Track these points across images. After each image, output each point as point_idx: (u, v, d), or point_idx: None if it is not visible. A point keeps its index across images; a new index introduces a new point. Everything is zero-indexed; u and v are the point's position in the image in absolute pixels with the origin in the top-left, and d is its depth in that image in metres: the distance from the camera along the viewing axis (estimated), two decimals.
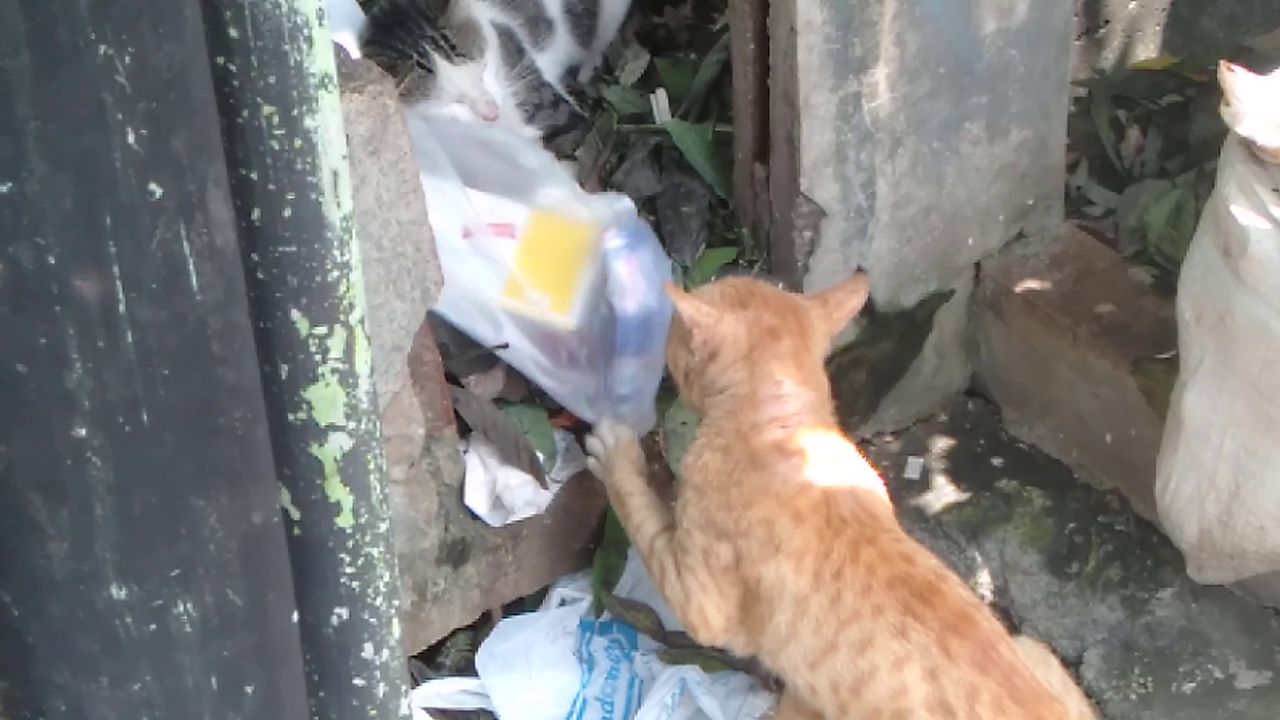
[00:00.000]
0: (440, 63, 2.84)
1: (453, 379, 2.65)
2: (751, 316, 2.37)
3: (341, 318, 1.13)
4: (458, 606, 2.72)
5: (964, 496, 2.98)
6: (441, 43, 2.85)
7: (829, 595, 2.20)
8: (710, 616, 2.36)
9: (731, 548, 2.30)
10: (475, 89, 2.85)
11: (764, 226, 2.86)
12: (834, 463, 2.31)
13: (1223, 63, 2.32)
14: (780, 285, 2.78)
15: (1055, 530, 2.90)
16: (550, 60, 3.15)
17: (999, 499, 2.96)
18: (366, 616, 1.24)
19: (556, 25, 3.18)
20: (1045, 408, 3.02)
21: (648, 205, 2.91)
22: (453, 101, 2.84)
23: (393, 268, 2.34)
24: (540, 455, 2.69)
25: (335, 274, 1.11)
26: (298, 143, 1.07)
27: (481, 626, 2.78)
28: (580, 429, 2.76)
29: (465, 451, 2.65)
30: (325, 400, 1.15)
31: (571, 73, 3.25)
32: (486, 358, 2.67)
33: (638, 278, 2.67)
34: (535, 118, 2.99)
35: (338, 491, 1.18)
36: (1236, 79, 2.29)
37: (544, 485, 2.69)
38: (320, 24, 1.05)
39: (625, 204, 2.79)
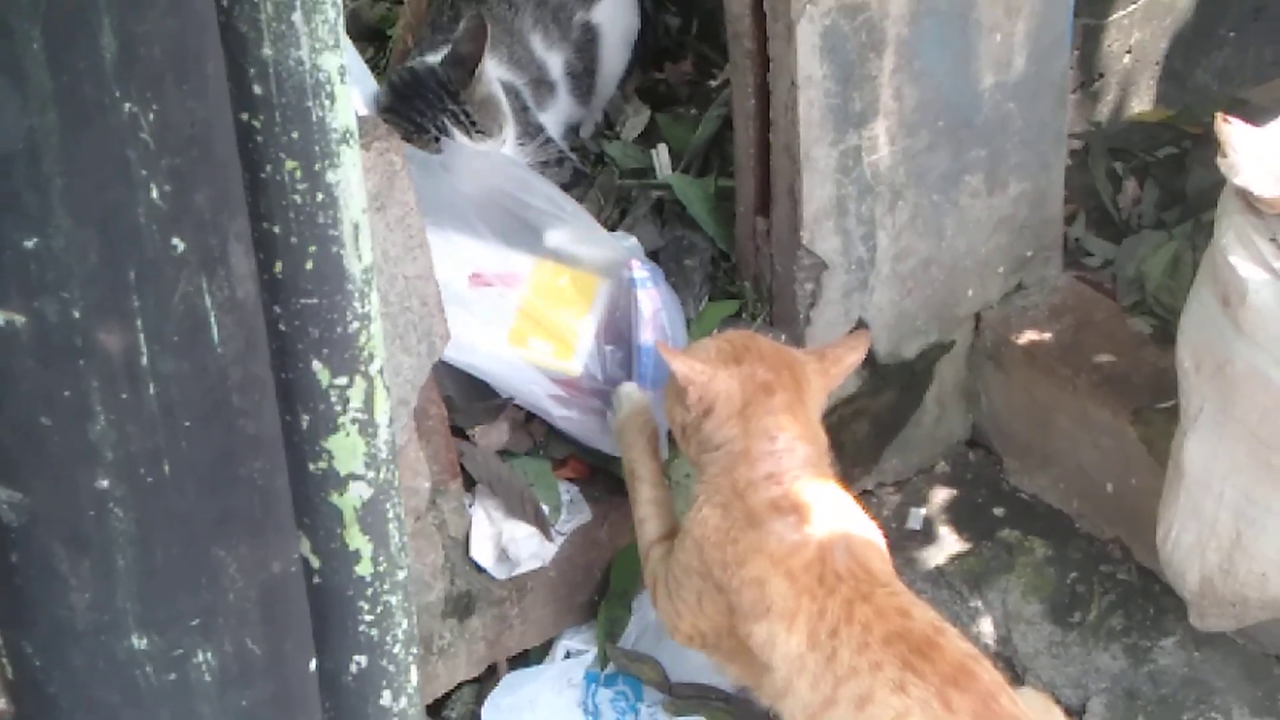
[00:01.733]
0: (460, 138, 2.86)
1: (458, 432, 2.66)
2: (746, 372, 2.38)
3: (362, 368, 1.14)
4: (463, 659, 2.73)
5: (966, 547, 2.99)
6: (463, 118, 2.86)
7: (824, 654, 2.19)
8: (702, 631, 2.38)
9: (725, 600, 2.30)
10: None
11: (766, 279, 2.88)
12: (831, 517, 2.30)
13: (1219, 115, 2.34)
14: (782, 337, 2.81)
15: (1057, 580, 2.91)
16: (553, 119, 3.18)
17: (1001, 549, 2.97)
18: (385, 664, 1.25)
19: (559, 86, 3.21)
20: (1046, 458, 3.04)
21: (651, 259, 2.92)
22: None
23: (399, 322, 2.35)
24: (545, 507, 2.69)
25: (356, 325, 1.13)
26: (320, 197, 1.09)
27: (487, 679, 2.79)
28: (585, 481, 2.77)
29: (471, 504, 2.66)
30: (346, 450, 1.16)
31: (573, 130, 3.28)
32: (491, 409, 2.69)
33: (658, 310, 2.69)
34: (542, 174, 3.01)
35: (357, 540, 1.20)
36: (1233, 131, 2.31)
37: (549, 538, 2.69)
38: (342, 81, 1.07)
39: (632, 242, 2.82)
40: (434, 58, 2.96)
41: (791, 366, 2.40)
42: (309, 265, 1.11)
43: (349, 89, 1.08)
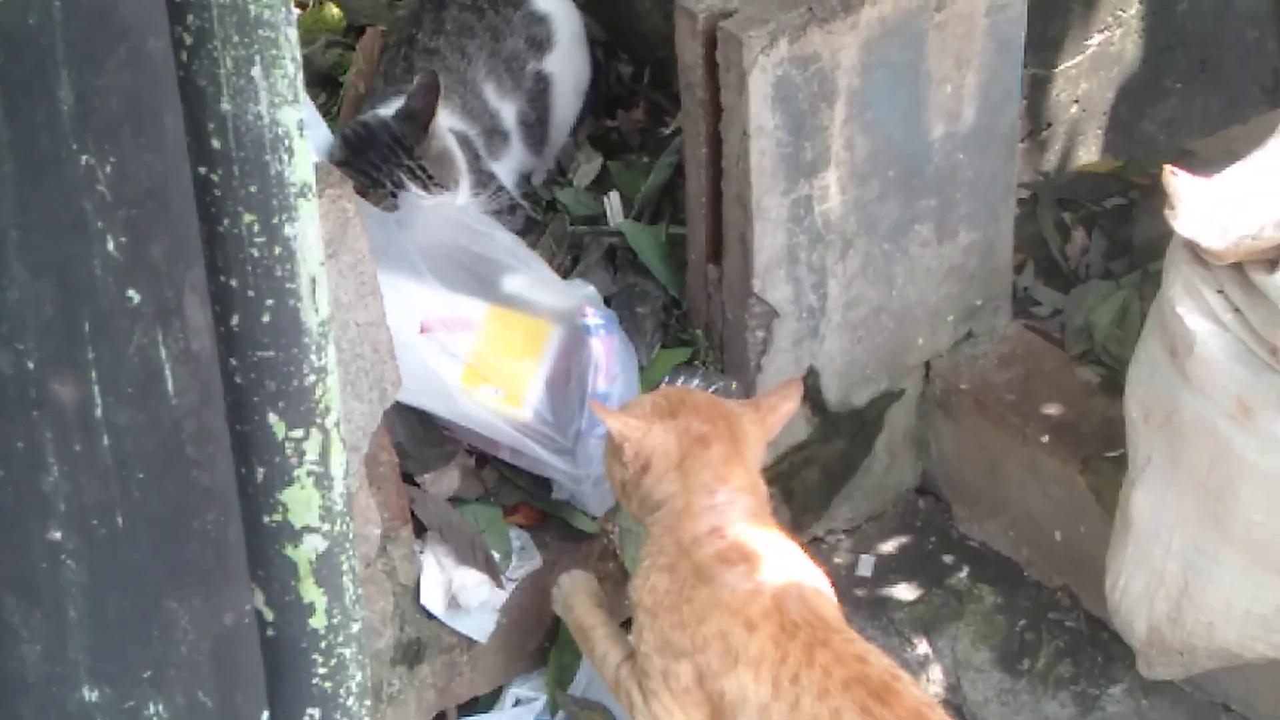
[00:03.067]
0: (417, 191, 2.86)
1: (408, 479, 2.65)
2: (681, 426, 2.38)
3: (318, 421, 1.14)
4: (413, 707, 2.72)
5: (916, 594, 3.00)
6: (419, 173, 2.87)
7: (788, 701, 2.19)
8: None
9: (691, 665, 2.29)
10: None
11: (717, 327, 2.89)
12: (780, 566, 2.31)
13: (1166, 167, 2.36)
14: (734, 385, 2.82)
15: (1006, 627, 2.92)
16: (506, 168, 3.18)
17: (950, 596, 2.98)
18: (339, 717, 1.25)
19: (512, 136, 3.22)
20: (995, 506, 3.05)
21: (603, 306, 2.93)
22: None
23: (351, 369, 2.35)
24: (496, 554, 2.69)
25: (312, 378, 1.13)
26: (278, 250, 1.09)
27: None
28: (536, 527, 2.78)
29: (421, 551, 2.65)
30: (300, 502, 1.16)
31: (525, 178, 3.28)
32: (442, 455, 2.68)
33: (612, 358, 2.70)
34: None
35: (312, 593, 1.20)
36: (1180, 182, 2.33)
37: (500, 584, 2.69)
38: (300, 135, 1.07)
39: (590, 290, 2.83)
40: (386, 110, 2.97)
41: (728, 418, 2.41)
42: (266, 318, 1.11)
43: (307, 143, 1.08)
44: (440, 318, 2.68)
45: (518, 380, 2.71)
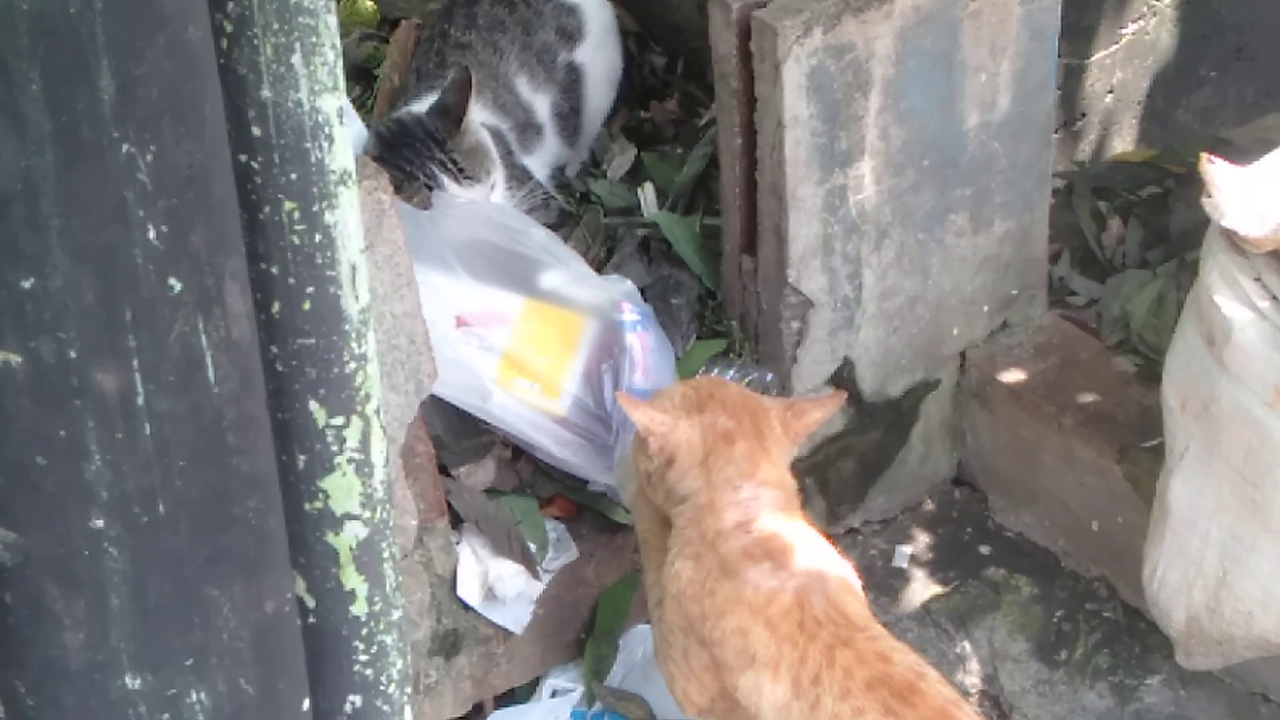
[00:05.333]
0: (450, 185, 2.87)
1: (444, 470, 2.66)
2: (707, 421, 2.38)
3: (358, 408, 1.15)
4: (449, 698, 2.72)
5: (952, 585, 3.00)
6: (450, 166, 2.88)
7: (808, 701, 2.18)
8: (694, 697, 2.37)
9: (709, 654, 2.29)
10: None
11: (752, 317, 2.89)
12: (805, 561, 2.29)
13: (1203, 155, 2.35)
14: (768, 375, 2.82)
15: (1043, 618, 2.91)
16: (539, 161, 3.19)
17: (987, 587, 2.97)
18: (379, 704, 1.25)
19: (545, 129, 3.22)
20: (1031, 496, 3.04)
21: (640, 301, 2.93)
22: None
23: (386, 360, 2.36)
24: (532, 546, 2.70)
25: (352, 365, 1.13)
26: (318, 237, 1.09)
27: (474, 718, 2.78)
28: (572, 519, 2.78)
29: (457, 543, 2.66)
30: (341, 490, 1.17)
31: (559, 170, 3.29)
32: (478, 447, 2.69)
33: (648, 353, 2.70)
34: (529, 217, 3.02)
35: (353, 580, 1.20)
36: (1217, 171, 2.32)
37: (536, 576, 2.69)
38: (340, 123, 1.07)
39: (628, 286, 2.83)
40: (419, 107, 2.97)
41: (755, 414, 2.40)
42: (306, 305, 1.11)
43: (347, 131, 1.08)
44: (475, 312, 2.68)
45: (554, 373, 2.71)
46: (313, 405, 1.14)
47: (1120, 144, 3.44)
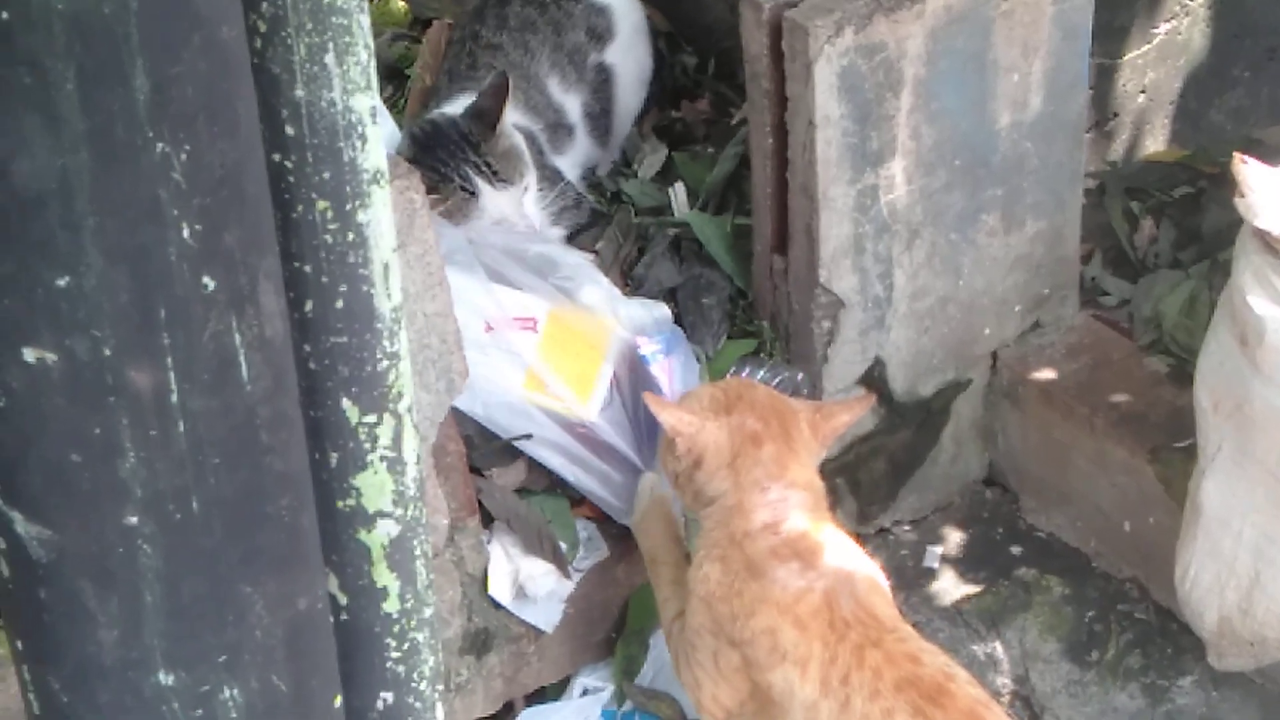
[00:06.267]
0: (484, 187, 2.88)
1: (475, 470, 2.67)
2: (735, 423, 2.38)
3: (390, 406, 1.15)
4: (480, 696, 2.73)
5: (983, 585, 2.99)
6: (485, 168, 2.89)
7: (838, 700, 2.18)
8: (724, 700, 2.36)
9: (740, 654, 2.30)
10: (516, 212, 2.91)
11: (783, 317, 2.89)
12: (833, 562, 2.29)
13: (1236, 155, 2.35)
14: (799, 375, 2.82)
15: (1075, 618, 2.91)
16: (570, 162, 3.19)
17: (1018, 587, 2.97)
18: (411, 700, 1.25)
19: (577, 129, 3.23)
20: (1063, 496, 3.04)
21: (669, 297, 2.93)
22: (492, 222, 2.89)
23: (418, 359, 2.36)
24: (563, 545, 2.70)
25: (385, 363, 1.14)
26: (350, 236, 1.09)
27: (504, 716, 2.79)
28: (602, 519, 2.78)
29: (488, 542, 2.66)
30: (374, 487, 1.17)
31: (590, 169, 3.29)
32: (509, 449, 2.69)
33: (674, 382, 2.71)
34: (560, 218, 3.03)
35: (385, 577, 1.20)
36: (1250, 171, 2.32)
37: (567, 575, 2.70)
38: (374, 122, 1.07)
39: (663, 311, 2.82)
40: (452, 108, 2.98)
41: (783, 416, 2.40)
42: (339, 304, 1.11)
43: (380, 130, 1.09)
44: (504, 318, 2.69)
45: (583, 379, 2.71)
46: (345, 403, 1.14)
47: (1152, 144, 3.43)
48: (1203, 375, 2.47)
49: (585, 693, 2.81)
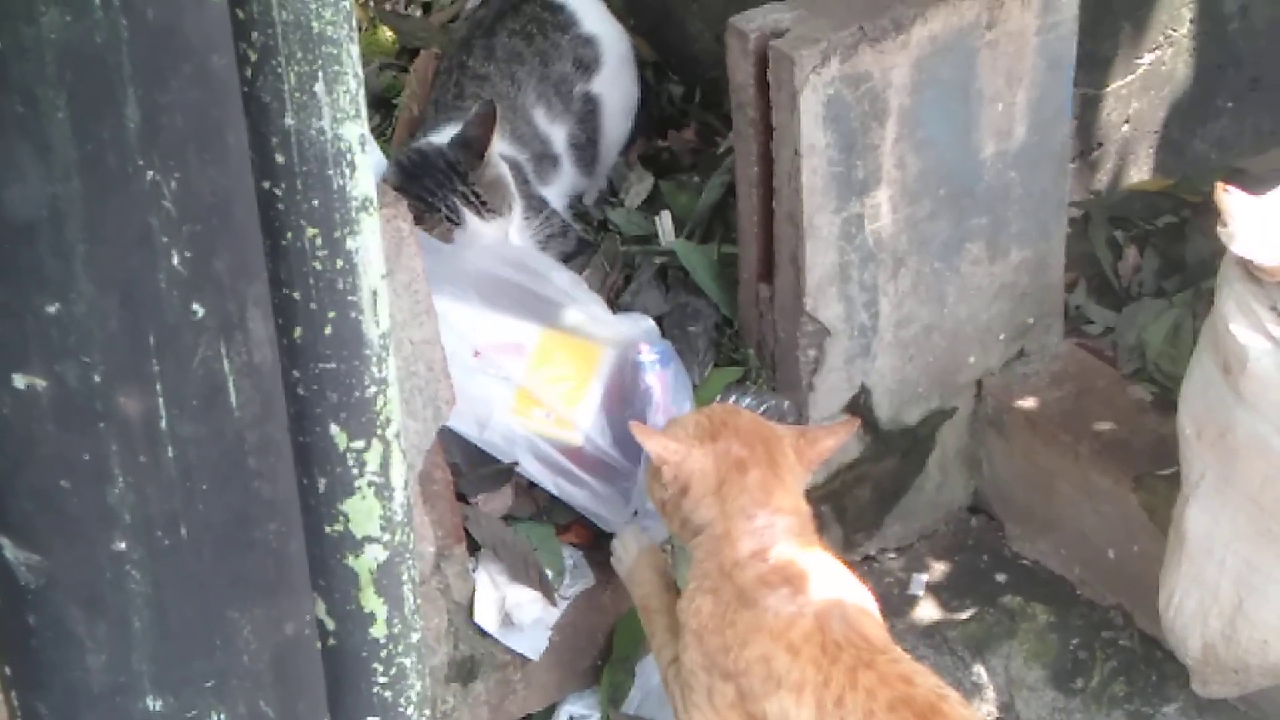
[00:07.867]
0: (470, 217, 2.89)
1: (462, 497, 2.67)
2: (720, 450, 2.38)
3: (379, 432, 1.16)
4: None
5: (968, 612, 3.00)
6: (472, 199, 2.89)
7: None
8: None
9: (734, 686, 2.30)
10: (501, 243, 2.91)
11: (769, 345, 2.90)
12: (823, 586, 2.30)
13: (1219, 184, 2.36)
14: (785, 403, 2.82)
15: (1059, 646, 2.91)
16: (557, 191, 3.20)
17: (1003, 615, 2.97)
18: None
19: (562, 159, 3.23)
20: (1047, 524, 3.05)
21: (655, 325, 2.94)
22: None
23: (405, 387, 2.37)
24: (549, 572, 2.70)
25: (373, 390, 1.15)
26: (339, 263, 1.10)
27: None
28: (589, 546, 2.78)
29: (474, 569, 2.67)
30: (362, 513, 1.18)
31: (576, 198, 3.30)
32: (496, 476, 2.70)
33: (667, 392, 2.71)
34: (547, 247, 3.04)
35: (372, 602, 1.21)
36: (1233, 200, 2.33)
37: (553, 602, 2.70)
38: (363, 150, 1.09)
39: (649, 324, 2.83)
40: (439, 138, 2.99)
41: (768, 442, 2.41)
42: (328, 330, 1.12)
43: (369, 158, 1.10)
44: (493, 342, 2.69)
45: (571, 403, 2.72)
46: (334, 429, 1.15)
47: (1137, 174, 3.44)
48: (1186, 403, 2.48)
49: None
